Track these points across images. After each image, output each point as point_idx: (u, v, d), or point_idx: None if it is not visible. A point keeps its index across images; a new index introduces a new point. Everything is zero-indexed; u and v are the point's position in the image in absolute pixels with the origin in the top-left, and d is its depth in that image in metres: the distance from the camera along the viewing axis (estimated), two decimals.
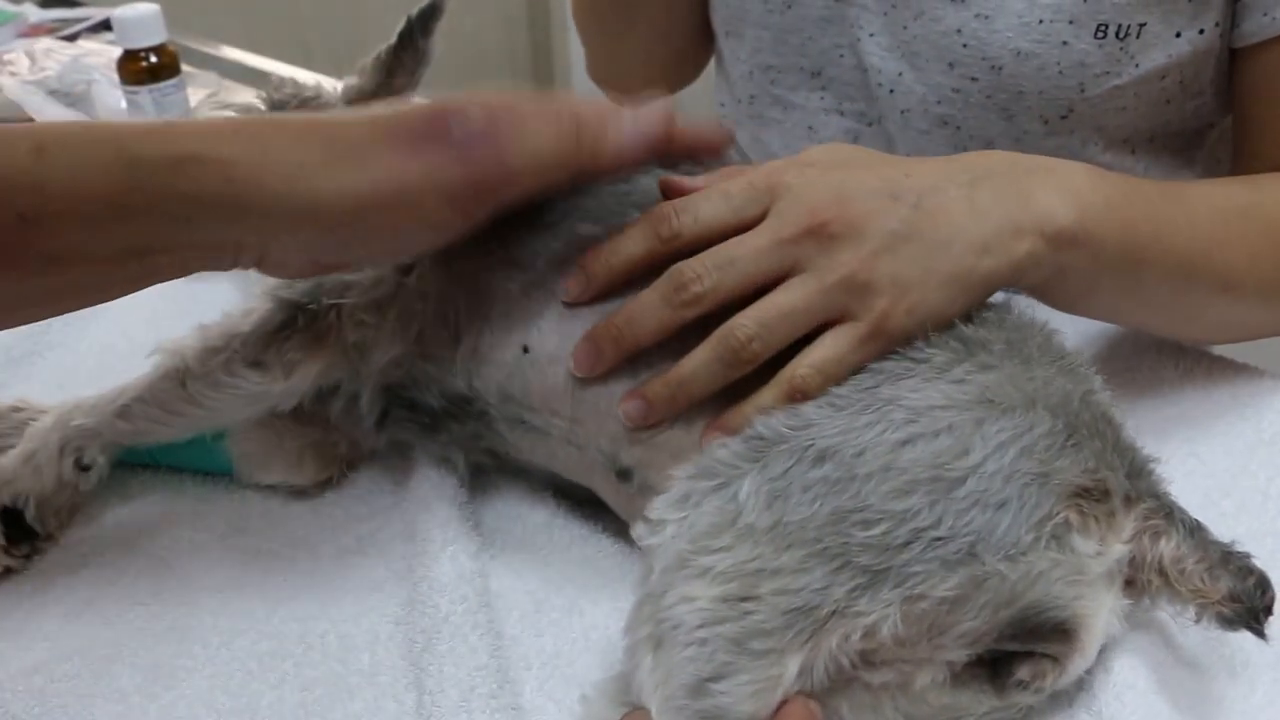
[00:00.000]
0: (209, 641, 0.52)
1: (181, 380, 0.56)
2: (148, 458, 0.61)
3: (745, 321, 0.48)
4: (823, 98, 0.80)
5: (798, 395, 0.47)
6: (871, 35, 0.74)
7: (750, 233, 0.49)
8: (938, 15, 0.70)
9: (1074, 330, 0.68)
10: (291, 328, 0.56)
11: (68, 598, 0.54)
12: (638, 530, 0.45)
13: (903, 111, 0.75)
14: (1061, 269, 0.53)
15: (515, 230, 0.55)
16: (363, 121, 0.45)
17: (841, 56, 0.77)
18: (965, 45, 0.70)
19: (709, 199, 0.50)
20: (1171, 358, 0.68)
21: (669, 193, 0.52)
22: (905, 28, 0.72)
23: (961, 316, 0.49)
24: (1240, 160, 0.72)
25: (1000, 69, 0.69)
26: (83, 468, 0.57)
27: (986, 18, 0.68)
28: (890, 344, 0.48)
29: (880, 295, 0.48)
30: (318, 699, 0.49)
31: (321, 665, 0.50)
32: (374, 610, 0.53)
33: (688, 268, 0.48)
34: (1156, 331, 0.67)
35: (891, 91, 0.75)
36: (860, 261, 0.48)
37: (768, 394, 0.48)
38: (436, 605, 0.51)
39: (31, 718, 0.48)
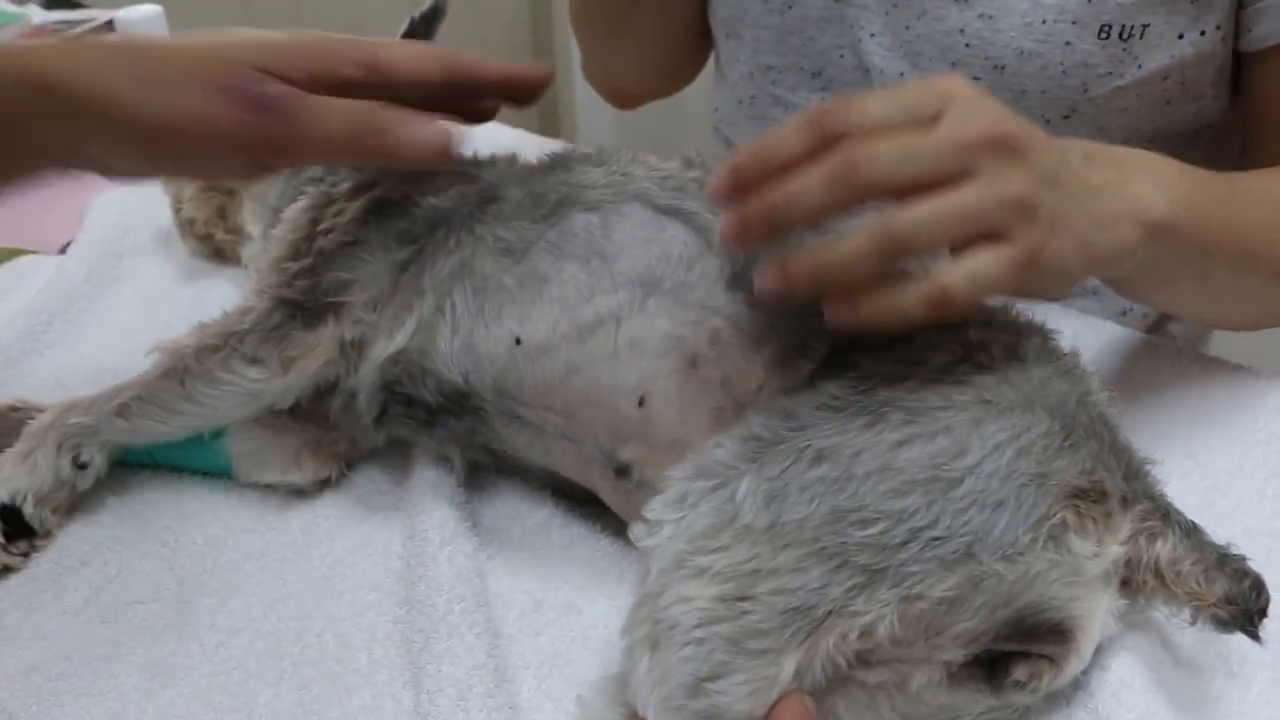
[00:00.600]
0: (207, 640, 0.52)
1: (180, 378, 0.56)
2: (146, 457, 0.61)
3: (914, 215, 0.43)
4: (824, 97, 0.80)
5: (942, 303, 0.43)
6: (873, 35, 0.74)
7: (931, 131, 0.44)
8: (940, 15, 0.70)
9: (1072, 332, 0.68)
10: (289, 325, 0.56)
11: (66, 596, 0.54)
12: (635, 531, 0.45)
13: None
14: (1150, 259, 0.52)
15: (511, 220, 0.56)
16: (186, 56, 0.50)
17: (842, 57, 0.77)
18: (968, 45, 0.70)
19: (877, 98, 0.45)
20: (1168, 358, 0.69)
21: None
22: (907, 27, 0.72)
23: (963, 321, 0.49)
24: (1250, 162, 0.72)
25: (1003, 69, 0.69)
26: (80, 465, 0.57)
27: (990, 17, 0.69)
28: (1036, 280, 0.45)
29: (1040, 224, 0.45)
30: (315, 697, 0.49)
31: (319, 664, 0.50)
32: (372, 609, 0.53)
33: (864, 150, 0.43)
34: (1210, 320, 0.67)
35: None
36: (1032, 185, 0.45)
37: (912, 294, 0.44)
38: (434, 604, 0.51)
39: (29, 716, 0.48)
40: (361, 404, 0.57)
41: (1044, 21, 0.67)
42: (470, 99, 0.54)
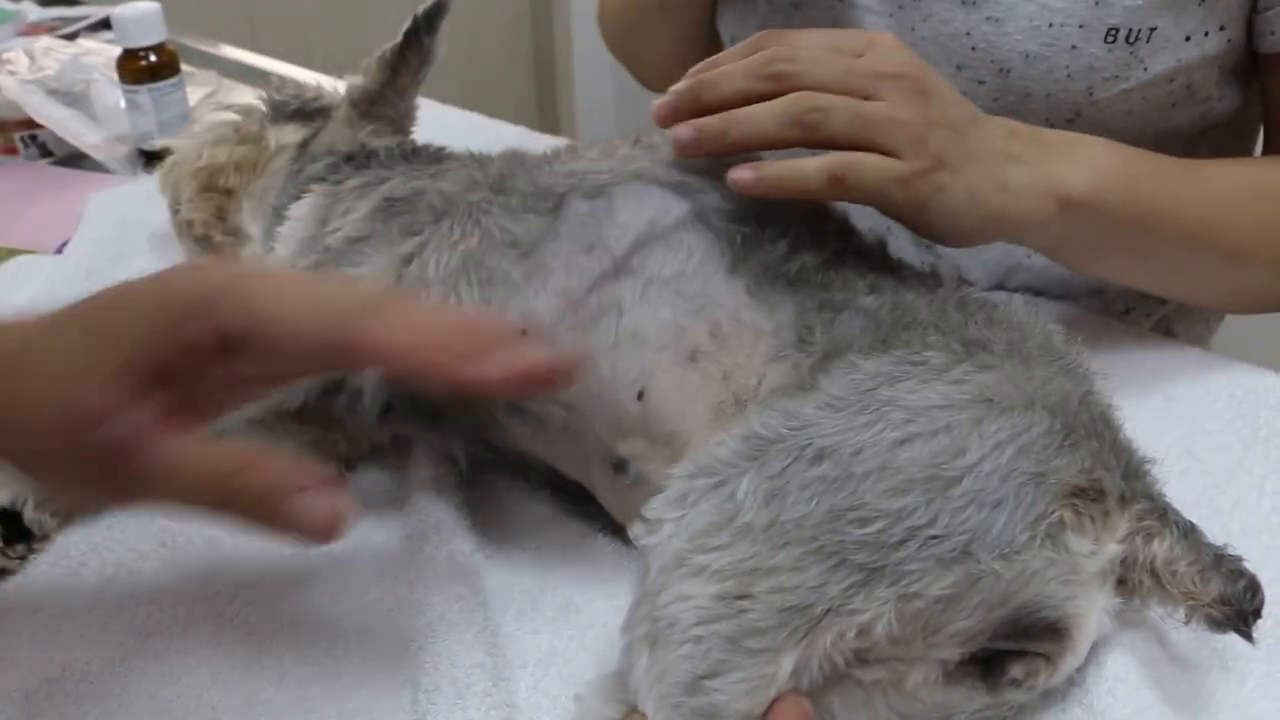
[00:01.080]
0: (205, 641, 0.52)
1: None
2: None
3: (821, 99, 0.50)
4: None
5: (840, 178, 0.50)
6: None
7: (848, 56, 0.52)
8: (947, 18, 0.71)
9: (1074, 329, 0.68)
10: None
11: (66, 597, 0.54)
12: (635, 530, 0.45)
13: None
14: (1072, 232, 0.57)
15: (518, 213, 0.56)
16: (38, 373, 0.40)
17: None
18: (974, 48, 0.70)
19: (811, 32, 0.53)
20: (1169, 354, 0.69)
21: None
22: (913, 29, 0.73)
23: (965, 319, 0.50)
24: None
25: (1009, 72, 0.69)
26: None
27: (997, 21, 0.69)
28: (922, 210, 0.52)
29: (928, 157, 0.51)
30: (314, 696, 0.49)
31: (318, 663, 0.51)
32: (369, 607, 0.53)
33: (783, 51, 0.52)
34: (1171, 295, 0.72)
35: None
36: (927, 121, 0.52)
37: (812, 162, 0.50)
38: (432, 603, 0.51)
39: (27, 719, 0.48)
40: (366, 400, 0.57)
41: (1050, 25, 0.67)
42: None
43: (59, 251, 0.84)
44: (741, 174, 0.50)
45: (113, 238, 0.83)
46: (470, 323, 0.40)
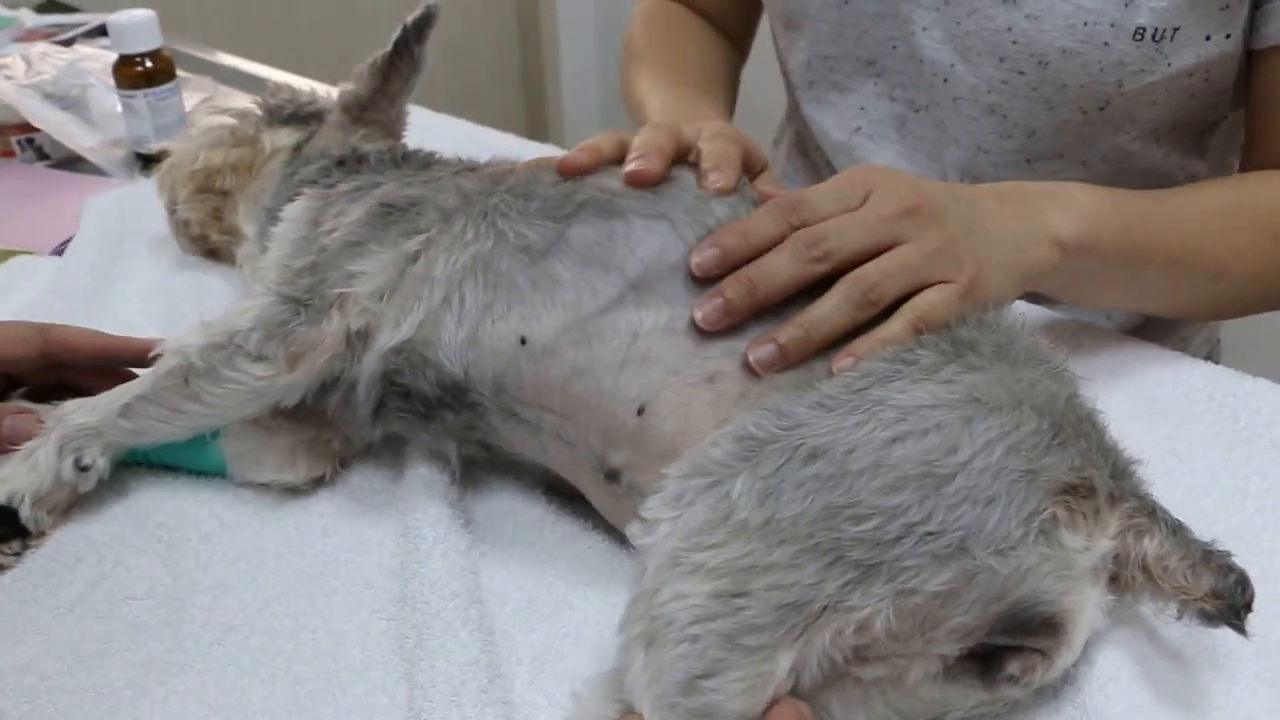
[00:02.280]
0: (201, 637, 0.52)
1: (184, 377, 0.56)
2: (141, 457, 0.61)
3: (870, 270, 0.53)
4: (876, 84, 0.86)
5: (921, 325, 0.52)
6: (925, 29, 0.79)
7: (858, 211, 0.56)
8: (990, 14, 0.76)
9: (1056, 333, 0.69)
10: (293, 322, 0.57)
11: (61, 593, 0.55)
12: (632, 530, 0.45)
13: (955, 99, 0.81)
14: (1075, 272, 0.62)
15: (534, 218, 0.56)
16: None
17: (895, 48, 0.82)
18: (1015, 42, 0.75)
19: (821, 193, 0.57)
20: (1154, 360, 0.69)
21: (760, 200, 0.58)
22: (959, 23, 0.77)
23: (954, 322, 0.52)
24: (1250, 155, 0.77)
25: (1046, 65, 0.74)
26: (82, 468, 0.57)
27: (1036, 18, 0.74)
28: (977, 306, 0.54)
29: (967, 266, 0.55)
30: (309, 694, 0.49)
31: (313, 661, 0.51)
32: (365, 606, 0.53)
33: (815, 230, 0.54)
34: (1164, 314, 0.78)
35: (945, 81, 0.80)
36: (948, 238, 0.55)
37: (896, 324, 0.52)
38: (428, 601, 0.51)
39: (22, 714, 0.48)
40: (360, 395, 0.58)
41: (1085, 24, 0.72)
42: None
43: (57, 252, 0.85)
44: (843, 363, 0.52)
45: (113, 240, 0.83)
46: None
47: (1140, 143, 0.79)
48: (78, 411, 0.57)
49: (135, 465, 0.62)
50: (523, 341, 0.54)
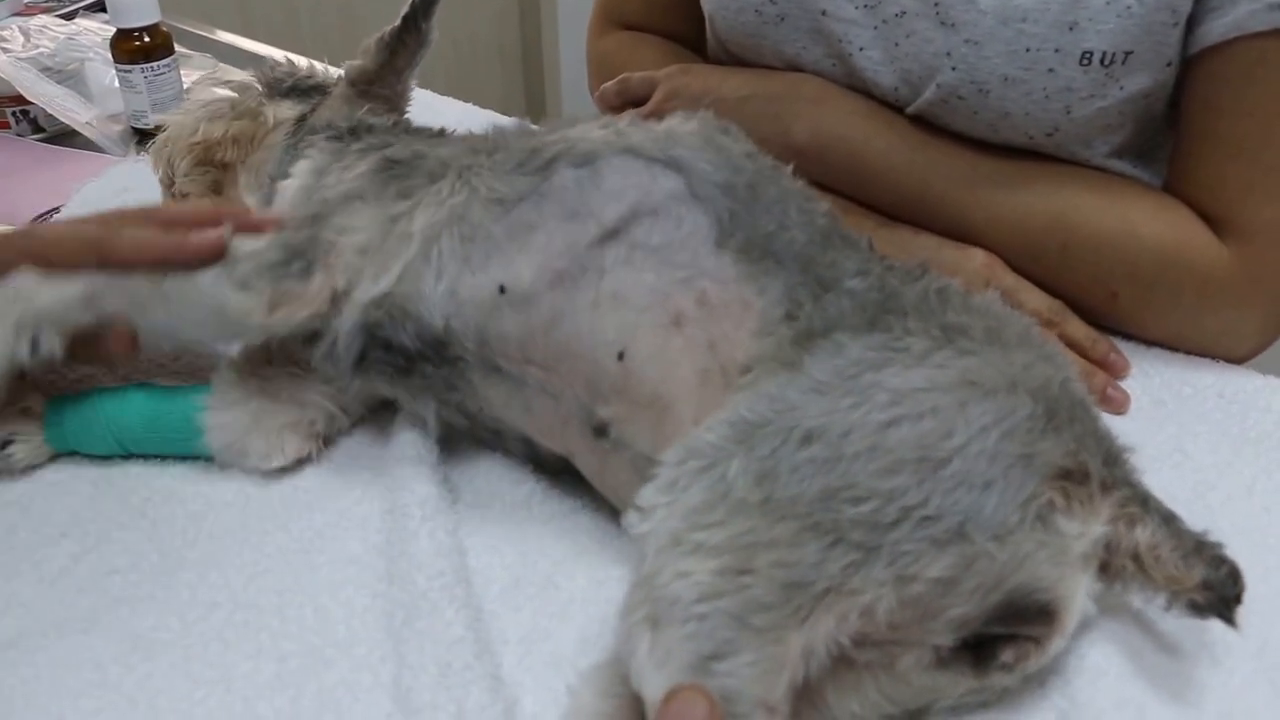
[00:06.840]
0: (186, 613, 0.51)
1: (161, 273, 0.55)
2: (122, 451, 0.60)
3: None
4: None
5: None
6: (862, 49, 0.75)
7: None
8: (929, 37, 0.71)
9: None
10: (285, 269, 0.56)
11: (44, 567, 0.54)
12: (629, 519, 0.44)
13: None
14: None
15: (507, 173, 0.57)
16: None
17: (833, 66, 0.78)
18: (954, 68, 0.70)
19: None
20: (1162, 357, 0.69)
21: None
22: (896, 44, 0.73)
23: (944, 306, 0.51)
24: (1171, 178, 0.71)
25: (988, 92, 0.69)
26: (36, 351, 0.55)
27: (976, 44, 0.69)
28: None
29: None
30: (294, 670, 0.49)
31: (298, 637, 0.50)
32: (351, 583, 0.53)
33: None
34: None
35: (884, 103, 0.76)
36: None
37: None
38: (414, 580, 0.50)
39: (6, 688, 0.48)
40: (341, 348, 0.57)
41: (1028, 50, 0.67)
42: None
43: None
44: (1117, 394, 0.57)
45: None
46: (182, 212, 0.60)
47: (1102, 160, 0.73)
48: (41, 293, 0.55)
49: None
50: (501, 290, 0.54)
